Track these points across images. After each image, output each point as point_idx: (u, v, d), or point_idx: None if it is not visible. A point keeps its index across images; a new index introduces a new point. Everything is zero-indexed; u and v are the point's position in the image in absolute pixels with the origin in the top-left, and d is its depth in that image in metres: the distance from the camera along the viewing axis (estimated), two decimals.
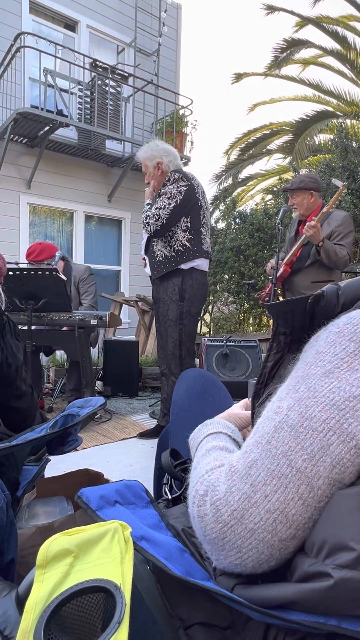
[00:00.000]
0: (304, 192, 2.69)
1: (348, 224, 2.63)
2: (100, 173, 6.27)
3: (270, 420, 0.48)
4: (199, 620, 0.48)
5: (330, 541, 0.41)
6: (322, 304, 0.57)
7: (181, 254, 2.33)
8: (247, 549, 0.45)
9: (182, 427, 0.97)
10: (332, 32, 7.13)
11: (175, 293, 2.35)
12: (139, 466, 2.23)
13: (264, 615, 0.42)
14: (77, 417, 1.05)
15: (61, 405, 3.46)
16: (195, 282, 2.38)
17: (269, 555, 0.45)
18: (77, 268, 3.26)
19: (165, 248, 2.35)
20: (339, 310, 0.57)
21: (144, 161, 2.45)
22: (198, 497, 0.50)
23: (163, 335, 2.45)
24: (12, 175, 5.44)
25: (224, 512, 0.46)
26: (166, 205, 2.27)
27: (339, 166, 5.35)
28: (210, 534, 0.47)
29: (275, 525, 0.44)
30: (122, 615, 0.37)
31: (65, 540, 0.44)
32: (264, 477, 0.45)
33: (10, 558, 0.71)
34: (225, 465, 0.50)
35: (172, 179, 2.34)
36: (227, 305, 6.91)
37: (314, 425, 0.44)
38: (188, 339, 2.41)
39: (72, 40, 6.08)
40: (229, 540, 0.46)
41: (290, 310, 0.60)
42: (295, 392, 0.47)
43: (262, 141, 8.53)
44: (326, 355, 0.47)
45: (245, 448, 0.49)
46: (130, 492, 0.62)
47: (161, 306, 2.43)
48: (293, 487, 0.43)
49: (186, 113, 6.32)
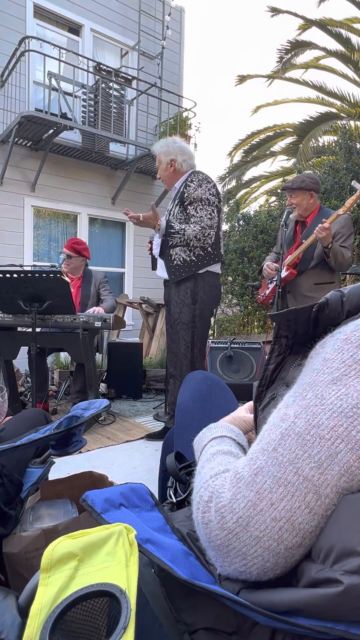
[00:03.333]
0: (304, 193, 2.69)
1: (350, 226, 2.63)
2: (104, 176, 6.29)
3: (277, 427, 0.47)
4: (203, 625, 0.48)
5: (338, 547, 0.40)
6: (327, 311, 0.57)
7: (202, 258, 2.30)
8: (252, 557, 0.45)
9: (186, 430, 0.96)
10: (335, 34, 7.12)
11: (188, 296, 2.32)
12: (144, 468, 2.23)
13: (270, 619, 0.42)
14: (81, 418, 1.05)
15: (66, 408, 3.47)
16: (207, 285, 2.36)
17: (275, 563, 0.44)
18: (96, 272, 3.52)
19: (184, 252, 2.29)
20: (344, 317, 0.57)
21: (159, 155, 2.41)
22: (202, 503, 0.49)
23: (174, 337, 2.42)
24: (16, 179, 5.47)
25: (229, 519, 0.45)
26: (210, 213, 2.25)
27: (343, 168, 5.34)
28: (214, 540, 0.47)
29: (281, 534, 0.43)
30: (127, 621, 0.36)
31: (70, 543, 0.44)
32: (270, 484, 0.44)
33: None
34: (230, 472, 0.50)
35: (196, 179, 2.28)
36: (231, 307, 6.90)
37: (322, 433, 0.43)
38: (200, 342, 2.40)
39: (76, 43, 6.11)
40: (234, 548, 0.45)
41: (294, 319, 0.60)
42: (302, 400, 0.47)
43: (266, 143, 8.52)
44: (333, 362, 0.46)
45: (251, 455, 0.48)
46: (135, 495, 0.62)
47: (173, 308, 2.40)
48: (300, 496, 0.43)
49: (190, 115, 6.34)
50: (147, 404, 3.65)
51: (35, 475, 1.10)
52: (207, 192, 2.26)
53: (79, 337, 2.69)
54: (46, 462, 1.16)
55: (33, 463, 1.14)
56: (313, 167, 7.17)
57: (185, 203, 2.29)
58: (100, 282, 3.44)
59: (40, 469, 1.12)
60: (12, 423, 1.14)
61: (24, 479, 1.07)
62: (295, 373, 0.57)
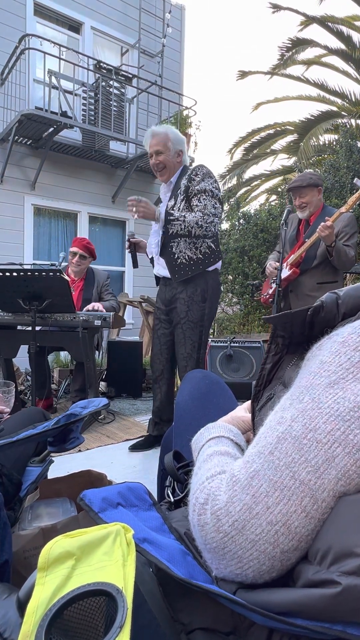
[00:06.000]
0: (313, 189, 2.67)
1: (353, 225, 2.61)
2: (104, 174, 6.28)
3: (273, 431, 0.47)
4: (200, 625, 0.48)
5: (335, 548, 0.40)
6: (322, 314, 0.57)
7: (208, 256, 2.24)
8: (247, 560, 0.45)
9: (185, 429, 0.96)
10: (337, 32, 7.10)
11: (198, 294, 2.25)
12: (142, 467, 2.23)
13: (267, 618, 0.42)
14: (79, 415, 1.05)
15: (65, 406, 3.47)
16: (215, 283, 2.32)
17: (270, 566, 0.44)
18: (99, 273, 3.42)
19: (189, 250, 2.22)
20: (340, 319, 0.56)
21: (168, 141, 2.25)
22: (198, 505, 0.49)
23: (179, 337, 2.30)
24: (16, 177, 5.46)
25: (225, 522, 0.45)
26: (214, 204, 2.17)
27: (344, 166, 5.33)
28: (210, 543, 0.47)
29: (277, 537, 0.43)
30: (123, 620, 0.36)
31: (67, 542, 0.44)
32: (266, 488, 0.44)
33: (4, 559, 0.71)
34: (226, 473, 0.50)
35: (200, 172, 2.21)
36: (231, 306, 6.89)
37: (319, 437, 0.43)
38: (205, 341, 2.34)
39: (77, 42, 6.10)
40: (230, 551, 0.45)
41: (289, 322, 0.60)
42: (299, 403, 0.46)
43: (267, 141, 8.50)
44: (331, 365, 0.46)
45: (248, 458, 0.48)
46: (132, 494, 0.62)
47: (179, 307, 2.28)
48: (296, 500, 0.43)
49: (190, 114, 6.33)
50: (146, 403, 3.65)
51: (34, 474, 1.10)
52: (211, 185, 2.21)
53: (78, 335, 2.69)
54: (45, 460, 1.16)
55: (32, 461, 1.14)
56: (314, 166, 7.16)
57: (190, 196, 2.21)
58: (102, 285, 3.36)
59: (39, 468, 1.12)
60: (10, 421, 1.14)
61: (23, 477, 1.07)
62: (292, 373, 0.57)
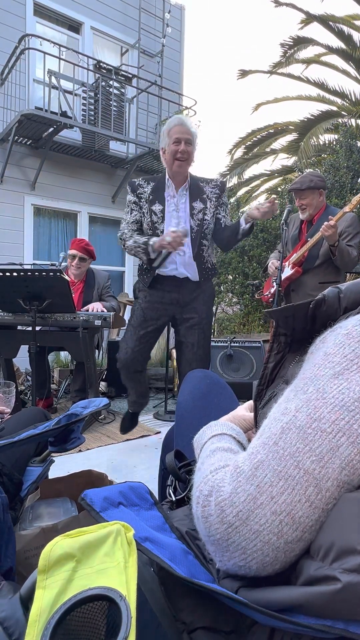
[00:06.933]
0: (314, 192, 2.66)
1: (356, 225, 2.61)
2: (104, 174, 6.28)
3: (277, 422, 0.47)
4: (202, 624, 0.48)
5: (337, 545, 0.40)
6: (324, 308, 0.57)
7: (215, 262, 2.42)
8: (251, 551, 0.45)
9: (186, 429, 0.96)
10: (337, 31, 7.09)
11: (212, 294, 2.41)
12: (143, 467, 2.23)
13: (269, 617, 0.42)
14: (80, 415, 1.05)
15: (66, 406, 3.47)
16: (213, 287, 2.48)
17: (274, 557, 0.44)
18: (99, 274, 3.40)
19: (211, 256, 2.36)
20: (341, 313, 0.57)
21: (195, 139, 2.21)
22: (202, 497, 0.49)
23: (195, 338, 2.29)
24: (16, 177, 5.46)
25: (229, 513, 0.45)
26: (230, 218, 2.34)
27: (344, 166, 5.33)
28: (214, 534, 0.47)
29: (281, 528, 0.43)
30: (128, 630, 0.36)
31: (67, 543, 0.44)
32: (271, 478, 0.44)
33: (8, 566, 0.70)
34: (230, 466, 0.50)
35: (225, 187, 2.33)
36: (231, 306, 6.89)
37: (323, 426, 0.43)
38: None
39: (76, 41, 6.10)
40: (234, 542, 0.45)
41: (291, 315, 0.60)
42: (303, 394, 0.47)
43: (267, 140, 8.49)
44: (335, 357, 0.46)
45: (252, 449, 0.48)
46: (134, 493, 0.62)
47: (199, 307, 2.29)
48: (300, 489, 0.43)
49: (190, 114, 6.32)
50: None
51: (35, 474, 1.10)
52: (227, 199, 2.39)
53: (78, 335, 2.69)
54: (46, 460, 1.16)
55: (33, 462, 1.14)
56: (314, 166, 7.16)
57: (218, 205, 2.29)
58: (103, 286, 3.35)
59: (39, 468, 1.12)
60: (11, 421, 1.14)
61: (23, 477, 1.07)
62: (295, 370, 0.57)
